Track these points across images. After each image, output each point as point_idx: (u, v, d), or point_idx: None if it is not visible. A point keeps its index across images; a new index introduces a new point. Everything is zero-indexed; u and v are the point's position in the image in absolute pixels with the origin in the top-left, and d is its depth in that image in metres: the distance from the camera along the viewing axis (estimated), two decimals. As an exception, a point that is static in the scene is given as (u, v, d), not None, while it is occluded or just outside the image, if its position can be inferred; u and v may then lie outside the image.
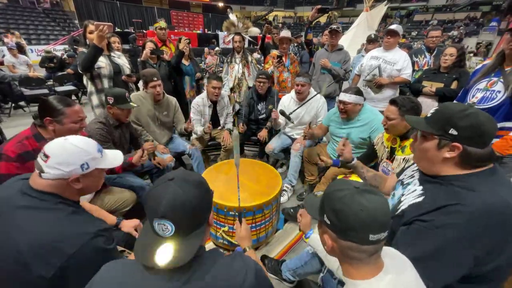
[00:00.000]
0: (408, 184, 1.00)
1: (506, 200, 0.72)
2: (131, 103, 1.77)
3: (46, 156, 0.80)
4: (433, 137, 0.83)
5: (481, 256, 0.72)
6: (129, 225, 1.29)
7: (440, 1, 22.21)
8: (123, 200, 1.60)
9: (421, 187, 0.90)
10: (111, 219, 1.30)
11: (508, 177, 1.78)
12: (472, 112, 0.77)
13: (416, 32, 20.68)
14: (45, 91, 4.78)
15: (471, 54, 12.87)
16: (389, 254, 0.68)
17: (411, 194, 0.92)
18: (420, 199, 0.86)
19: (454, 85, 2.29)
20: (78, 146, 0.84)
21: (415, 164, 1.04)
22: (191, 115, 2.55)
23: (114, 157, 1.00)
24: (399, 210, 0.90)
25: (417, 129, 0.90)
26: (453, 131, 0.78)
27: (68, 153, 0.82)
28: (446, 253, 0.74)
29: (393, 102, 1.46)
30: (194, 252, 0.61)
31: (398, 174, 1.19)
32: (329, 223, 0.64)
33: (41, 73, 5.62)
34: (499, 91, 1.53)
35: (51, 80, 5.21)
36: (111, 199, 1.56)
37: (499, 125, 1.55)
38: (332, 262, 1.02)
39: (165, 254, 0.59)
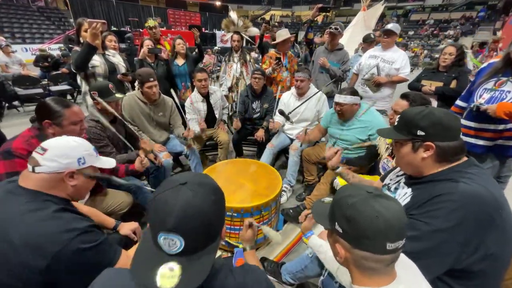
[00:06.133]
0: (397, 188, 1.02)
1: (487, 189, 0.75)
2: (116, 95, 1.71)
3: (44, 150, 0.82)
4: (407, 142, 0.88)
5: (464, 242, 0.74)
6: (127, 228, 1.26)
7: (436, 1, 22.37)
8: (119, 203, 1.56)
9: (410, 189, 0.93)
10: (109, 222, 1.28)
11: (505, 176, 1.78)
12: (428, 111, 0.83)
13: (413, 32, 20.81)
14: (40, 90, 4.70)
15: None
16: (402, 263, 0.65)
17: (401, 198, 0.95)
18: (409, 199, 0.90)
19: (453, 84, 2.28)
20: (77, 141, 0.89)
21: (398, 168, 1.08)
22: (187, 115, 2.51)
23: (107, 161, 1.03)
24: None
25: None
26: (420, 132, 0.83)
27: (67, 146, 0.85)
28: (431, 242, 0.76)
29: (404, 96, 1.45)
30: (206, 275, 0.52)
31: (382, 178, 1.19)
32: (341, 231, 0.60)
33: (36, 72, 5.54)
34: (508, 91, 1.49)
35: (46, 80, 5.13)
36: (107, 202, 1.52)
37: (508, 126, 1.52)
38: (332, 264, 1.00)
39: (170, 277, 0.49)
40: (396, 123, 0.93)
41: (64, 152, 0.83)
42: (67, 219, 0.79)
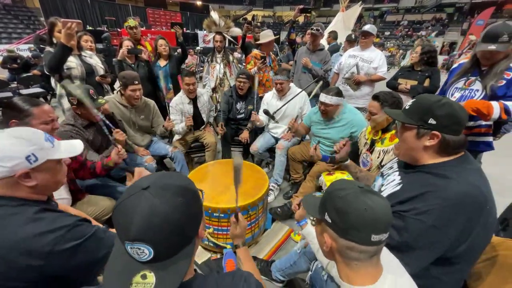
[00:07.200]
0: (388, 175, 1.04)
1: (476, 186, 0.78)
2: (98, 100, 1.64)
3: None
4: (412, 127, 0.88)
5: (454, 238, 0.77)
6: None
7: (409, 3, 23.49)
8: (102, 209, 1.51)
9: (399, 177, 0.95)
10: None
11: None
12: (446, 101, 0.83)
13: (389, 32, 21.73)
14: (9, 94, 4.41)
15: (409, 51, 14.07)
16: (385, 257, 0.68)
17: (390, 184, 0.97)
18: (398, 188, 0.91)
19: (426, 82, 2.43)
20: (19, 137, 0.73)
21: (395, 158, 1.09)
22: (171, 116, 2.47)
23: (70, 146, 0.90)
24: None
25: (398, 121, 0.95)
26: (432, 121, 0.83)
27: (5, 145, 0.72)
28: (424, 238, 0.79)
29: (375, 97, 1.52)
30: (181, 279, 0.50)
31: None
32: (330, 221, 0.64)
33: (3, 74, 5.17)
34: (477, 90, 1.59)
35: (15, 82, 4.81)
36: (89, 209, 1.46)
37: (477, 123, 1.62)
38: (323, 256, 1.03)
39: (143, 285, 0.47)
40: (407, 107, 0.92)
41: (5, 154, 0.70)
42: (51, 219, 0.75)
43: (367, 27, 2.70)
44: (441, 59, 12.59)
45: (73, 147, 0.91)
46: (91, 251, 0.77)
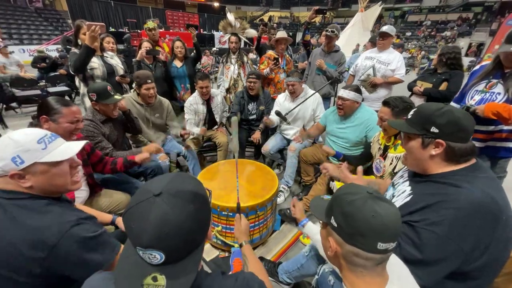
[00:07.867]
0: (399, 184, 1.02)
1: (489, 195, 0.74)
2: (115, 97, 1.73)
3: None
4: (417, 136, 0.86)
5: (469, 250, 0.73)
6: None
7: (433, 2, 22.49)
8: (117, 202, 1.58)
9: (409, 187, 0.92)
10: (106, 217, 1.29)
11: (499, 177, 1.79)
12: (447, 109, 0.81)
13: (410, 33, 20.94)
14: (37, 92, 4.70)
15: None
16: (392, 263, 0.65)
17: (401, 196, 0.94)
18: (408, 198, 0.88)
19: (443, 86, 2.30)
20: (11, 138, 0.75)
21: (406, 167, 1.06)
22: (186, 116, 2.53)
23: (63, 150, 0.85)
24: None
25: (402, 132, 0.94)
26: (434, 129, 0.82)
27: None
28: (437, 250, 0.76)
29: (385, 103, 1.47)
30: (192, 280, 0.52)
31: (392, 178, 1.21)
32: (336, 226, 0.62)
33: (33, 73, 5.53)
34: (499, 93, 1.51)
35: (44, 81, 5.13)
36: (105, 202, 1.53)
37: (498, 127, 1.54)
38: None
39: (154, 287, 0.49)
40: (410, 116, 0.91)
41: None
42: (59, 212, 0.78)
43: (385, 28, 2.63)
44: (466, 61, 11.94)
45: (65, 152, 0.85)
46: (94, 251, 0.79)
